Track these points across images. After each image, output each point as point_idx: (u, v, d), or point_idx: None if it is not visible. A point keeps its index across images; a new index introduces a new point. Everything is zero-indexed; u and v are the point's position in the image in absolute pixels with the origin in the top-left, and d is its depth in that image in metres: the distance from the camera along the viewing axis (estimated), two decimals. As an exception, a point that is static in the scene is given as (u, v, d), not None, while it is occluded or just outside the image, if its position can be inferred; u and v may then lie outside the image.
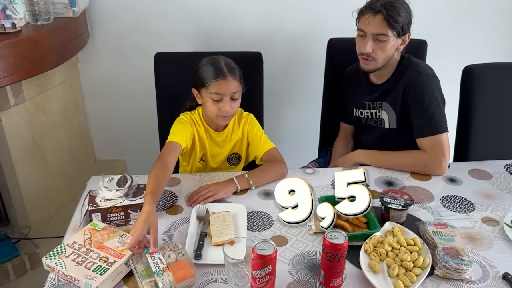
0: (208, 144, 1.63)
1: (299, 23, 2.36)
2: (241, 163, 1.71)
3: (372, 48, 1.56)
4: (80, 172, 2.42)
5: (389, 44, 1.55)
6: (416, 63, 1.64)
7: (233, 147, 1.66)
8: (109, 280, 1.06)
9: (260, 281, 1.01)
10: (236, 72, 1.52)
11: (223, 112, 1.51)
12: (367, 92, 1.73)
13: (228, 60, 1.54)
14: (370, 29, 1.54)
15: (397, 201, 1.29)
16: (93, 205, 1.27)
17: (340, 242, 1.03)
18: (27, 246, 2.09)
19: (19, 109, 1.96)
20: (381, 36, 1.53)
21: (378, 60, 1.58)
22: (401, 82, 1.62)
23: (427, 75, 1.59)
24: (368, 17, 1.54)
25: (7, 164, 2.01)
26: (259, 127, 1.67)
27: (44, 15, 1.91)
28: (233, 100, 1.52)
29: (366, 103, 1.74)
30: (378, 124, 1.73)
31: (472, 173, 1.59)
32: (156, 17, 2.32)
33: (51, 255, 1.12)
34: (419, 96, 1.58)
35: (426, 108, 1.56)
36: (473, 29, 2.46)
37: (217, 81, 1.48)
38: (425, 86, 1.58)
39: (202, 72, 1.52)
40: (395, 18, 1.51)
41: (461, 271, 1.09)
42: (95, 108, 2.57)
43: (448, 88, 1.69)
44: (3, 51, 1.67)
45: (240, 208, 1.36)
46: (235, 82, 1.50)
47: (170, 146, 1.50)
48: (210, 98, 1.51)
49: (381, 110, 1.70)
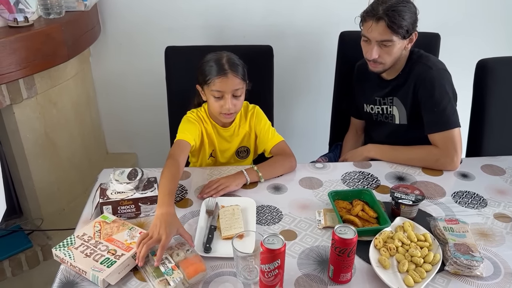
0: (216, 140, 1.63)
1: (310, 17, 2.34)
2: (249, 156, 1.70)
3: (378, 53, 1.53)
4: (91, 165, 2.44)
5: (395, 48, 1.52)
6: (426, 57, 1.61)
7: (241, 141, 1.66)
8: (116, 273, 1.07)
9: (268, 275, 1.01)
10: (239, 69, 1.49)
11: (225, 109, 1.49)
12: (378, 88, 1.71)
13: (232, 56, 1.51)
14: (374, 36, 1.50)
15: (408, 196, 1.28)
16: (104, 197, 1.28)
17: (349, 237, 1.02)
18: (39, 237, 2.12)
19: (31, 102, 1.98)
20: (386, 42, 1.50)
21: (386, 63, 1.56)
22: (411, 77, 1.60)
23: (437, 70, 1.57)
24: (371, 25, 1.49)
25: (20, 157, 2.03)
26: (266, 119, 1.66)
27: (56, 9, 1.92)
28: (235, 98, 1.50)
29: (376, 99, 1.72)
30: (389, 120, 1.71)
31: (484, 169, 1.57)
32: (167, 11, 2.32)
33: (60, 246, 1.14)
34: (429, 91, 1.55)
35: (437, 103, 1.54)
36: (487, 21, 2.42)
37: (218, 78, 1.46)
38: (435, 80, 1.55)
39: (204, 69, 1.50)
40: (398, 23, 1.46)
41: (472, 268, 1.08)
42: (106, 102, 2.59)
43: (462, 83, 1.66)
44: (15, 44, 1.69)
45: (249, 202, 1.36)
46: (237, 79, 1.47)
47: (179, 145, 1.49)
48: (211, 95, 1.49)
49: (392, 106, 1.68)
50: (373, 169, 1.57)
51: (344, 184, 1.48)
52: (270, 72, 1.93)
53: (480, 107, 1.78)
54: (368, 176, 1.53)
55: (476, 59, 1.79)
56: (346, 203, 1.32)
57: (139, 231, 1.17)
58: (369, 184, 1.48)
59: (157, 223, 1.14)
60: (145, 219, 1.30)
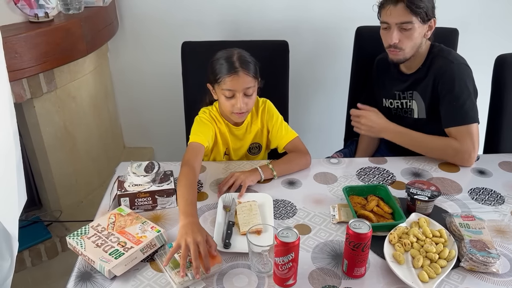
0: (230, 139, 1.61)
1: (326, 12, 2.33)
2: (261, 152, 1.70)
3: (399, 38, 1.52)
4: (109, 158, 2.48)
5: (416, 32, 1.51)
6: (448, 52, 1.59)
7: (253, 138, 1.64)
8: (122, 264, 1.08)
9: (282, 268, 1.02)
10: (250, 67, 1.45)
11: (237, 109, 1.46)
12: (398, 82, 1.70)
13: (243, 54, 1.47)
14: (394, 19, 1.50)
15: (424, 192, 1.27)
16: (121, 190, 1.30)
17: (364, 231, 1.02)
18: (58, 229, 2.17)
19: (51, 96, 2.01)
20: (406, 25, 1.50)
21: (406, 50, 1.55)
22: (431, 71, 1.58)
23: (458, 64, 1.55)
24: (389, 8, 1.50)
25: (40, 150, 2.07)
26: (277, 114, 1.62)
27: (75, 4, 1.95)
28: (247, 96, 1.46)
29: (396, 93, 1.71)
30: (408, 114, 1.70)
31: (502, 165, 1.55)
32: (184, 6, 2.33)
33: (74, 235, 1.17)
34: (449, 85, 1.53)
35: (456, 97, 1.52)
36: (506, 16, 2.36)
37: (229, 76, 1.42)
38: (456, 74, 1.53)
39: (215, 67, 1.46)
40: (417, 3, 1.47)
41: (488, 264, 1.07)
42: (124, 96, 2.62)
43: (480, 78, 1.64)
44: (36, 39, 1.72)
45: (266, 198, 1.36)
46: (248, 77, 1.44)
47: (194, 148, 1.45)
48: (222, 94, 1.46)
49: (411, 100, 1.66)
50: (389, 164, 1.56)
51: (359, 179, 1.48)
52: (286, 68, 1.93)
53: (498, 103, 1.75)
54: (384, 171, 1.52)
55: (494, 54, 1.77)
56: (361, 198, 1.32)
57: (151, 226, 1.19)
58: (385, 179, 1.48)
59: (183, 233, 1.10)
60: (161, 211, 1.32)
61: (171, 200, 1.33)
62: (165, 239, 1.17)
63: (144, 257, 1.13)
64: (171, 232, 1.23)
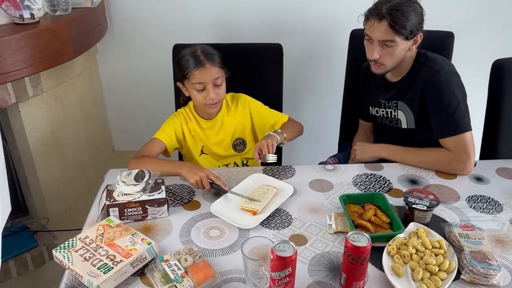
0: (203, 136, 1.64)
1: (320, 14, 2.30)
2: (246, 148, 1.71)
3: (380, 54, 1.49)
4: (98, 163, 2.42)
5: (398, 49, 1.47)
6: (433, 60, 1.55)
7: (234, 132, 1.66)
8: (111, 280, 1.04)
9: (279, 283, 0.98)
10: (215, 58, 1.51)
11: (209, 100, 1.52)
12: (383, 90, 1.67)
13: (206, 47, 1.54)
14: (376, 35, 1.46)
15: (422, 201, 1.24)
16: (110, 199, 1.26)
17: (363, 244, 0.98)
18: (45, 237, 2.11)
19: (37, 100, 1.96)
20: (388, 42, 1.46)
21: (387, 65, 1.52)
22: (418, 81, 1.54)
23: (445, 73, 1.51)
24: (374, 23, 1.45)
25: (26, 155, 2.02)
26: (260, 105, 1.70)
27: (63, 6, 1.90)
28: (217, 86, 1.53)
29: (381, 102, 1.68)
30: (394, 124, 1.67)
31: (500, 172, 1.53)
32: (175, 8, 2.29)
33: (61, 248, 1.12)
34: (437, 96, 1.50)
35: (445, 108, 1.49)
36: (503, 20, 2.36)
37: (196, 70, 1.49)
38: (443, 85, 1.50)
39: (182, 64, 1.53)
40: (401, 23, 1.41)
41: (489, 276, 1.05)
42: (113, 99, 2.57)
43: (476, 83, 1.62)
44: (21, 42, 1.66)
45: (287, 189, 1.40)
46: (215, 68, 1.50)
47: (153, 143, 1.57)
48: (193, 88, 1.52)
49: (396, 110, 1.64)
50: (385, 171, 1.53)
51: (355, 187, 1.45)
52: (280, 71, 1.90)
53: (495, 108, 1.73)
54: (380, 179, 1.49)
55: (491, 58, 1.75)
56: (358, 207, 1.29)
57: (141, 238, 1.14)
58: (381, 187, 1.45)
59: (193, 174, 1.36)
60: (152, 222, 1.28)
61: (162, 209, 1.28)
62: (156, 252, 1.12)
63: (134, 271, 1.08)
64: (162, 244, 1.18)
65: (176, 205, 1.35)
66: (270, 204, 1.33)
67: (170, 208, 1.33)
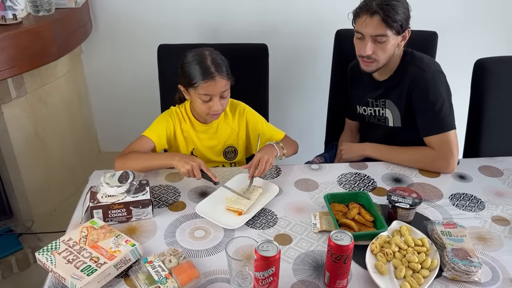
0: (196, 138, 1.61)
1: (305, 14, 2.31)
2: (238, 157, 1.68)
3: (373, 49, 1.50)
4: (84, 164, 2.40)
5: (389, 44, 1.49)
6: (420, 59, 1.57)
7: (227, 139, 1.64)
8: (95, 282, 1.03)
9: (263, 283, 0.98)
10: (223, 69, 1.47)
11: (213, 111, 1.49)
12: (370, 89, 1.68)
13: (215, 55, 1.48)
14: (369, 30, 1.47)
15: (405, 199, 1.26)
16: (94, 201, 1.25)
17: (346, 243, 0.99)
18: (30, 239, 2.09)
19: (21, 101, 1.94)
20: (380, 37, 1.47)
21: (380, 61, 1.53)
22: (405, 80, 1.56)
23: (431, 72, 1.53)
24: (365, 19, 1.46)
25: (10, 157, 1.99)
26: (258, 117, 1.67)
27: (46, 6, 1.88)
28: (223, 98, 1.50)
29: (369, 101, 1.69)
30: (381, 122, 1.69)
31: (482, 170, 1.55)
32: (161, 8, 2.28)
33: (44, 250, 1.11)
34: (423, 94, 1.52)
35: (431, 106, 1.51)
36: (486, 20, 2.39)
37: (205, 82, 1.44)
38: (429, 83, 1.52)
39: (189, 71, 1.47)
40: (393, 17, 1.44)
41: (470, 273, 1.06)
42: (99, 100, 2.55)
43: (459, 82, 1.64)
44: (3, 43, 1.64)
45: (273, 189, 1.40)
46: (224, 80, 1.46)
47: (142, 140, 1.54)
48: (199, 98, 1.48)
49: (384, 108, 1.65)
50: (370, 170, 1.54)
51: (340, 186, 1.46)
52: (265, 71, 1.90)
53: (477, 107, 1.75)
54: (365, 177, 1.50)
55: (474, 58, 1.77)
56: (342, 206, 1.30)
57: (125, 239, 1.13)
58: (366, 186, 1.46)
59: (184, 163, 1.35)
60: (136, 223, 1.27)
61: (146, 211, 1.28)
62: (140, 254, 1.12)
63: (118, 273, 1.08)
64: (146, 246, 1.18)
65: (161, 206, 1.35)
66: (255, 204, 1.33)
67: (155, 209, 1.32)
